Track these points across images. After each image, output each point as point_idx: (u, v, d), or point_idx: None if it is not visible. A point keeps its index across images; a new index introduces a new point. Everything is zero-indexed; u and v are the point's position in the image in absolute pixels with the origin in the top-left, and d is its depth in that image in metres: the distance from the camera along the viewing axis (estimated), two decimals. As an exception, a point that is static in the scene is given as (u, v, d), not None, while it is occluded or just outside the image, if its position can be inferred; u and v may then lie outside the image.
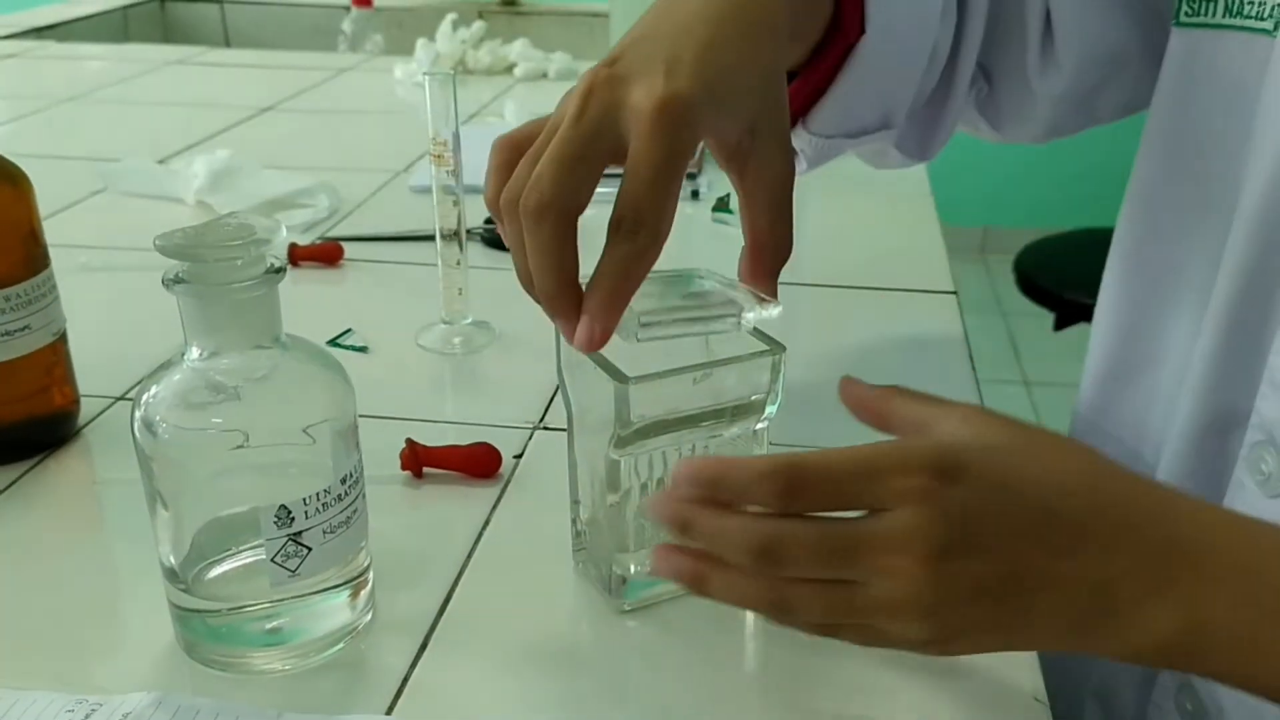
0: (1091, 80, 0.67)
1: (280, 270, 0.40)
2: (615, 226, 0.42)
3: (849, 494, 0.38)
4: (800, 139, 0.61)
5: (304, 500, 0.41)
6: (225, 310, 0.40)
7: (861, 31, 0.57)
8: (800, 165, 0.61)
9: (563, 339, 0.45)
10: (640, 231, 0.42)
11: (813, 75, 0.58)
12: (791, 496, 0.37)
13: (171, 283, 0.39)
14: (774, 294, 0.48)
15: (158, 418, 0.40)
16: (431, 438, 0.57)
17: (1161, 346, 0.63)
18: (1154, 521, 0.39)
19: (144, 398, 0.41)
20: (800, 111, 0.60)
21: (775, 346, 0.45)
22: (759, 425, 0.46)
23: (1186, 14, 0.59)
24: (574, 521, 0.49)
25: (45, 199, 0.57)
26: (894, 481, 0.37)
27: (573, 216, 0.43)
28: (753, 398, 0.45)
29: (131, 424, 0.41)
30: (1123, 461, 0.41)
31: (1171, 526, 0.39)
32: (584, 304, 0.43)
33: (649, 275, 0.43)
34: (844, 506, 0.38)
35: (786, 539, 0.37)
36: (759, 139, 0.48)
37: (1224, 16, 0.56)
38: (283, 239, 0.40)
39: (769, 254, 0.48)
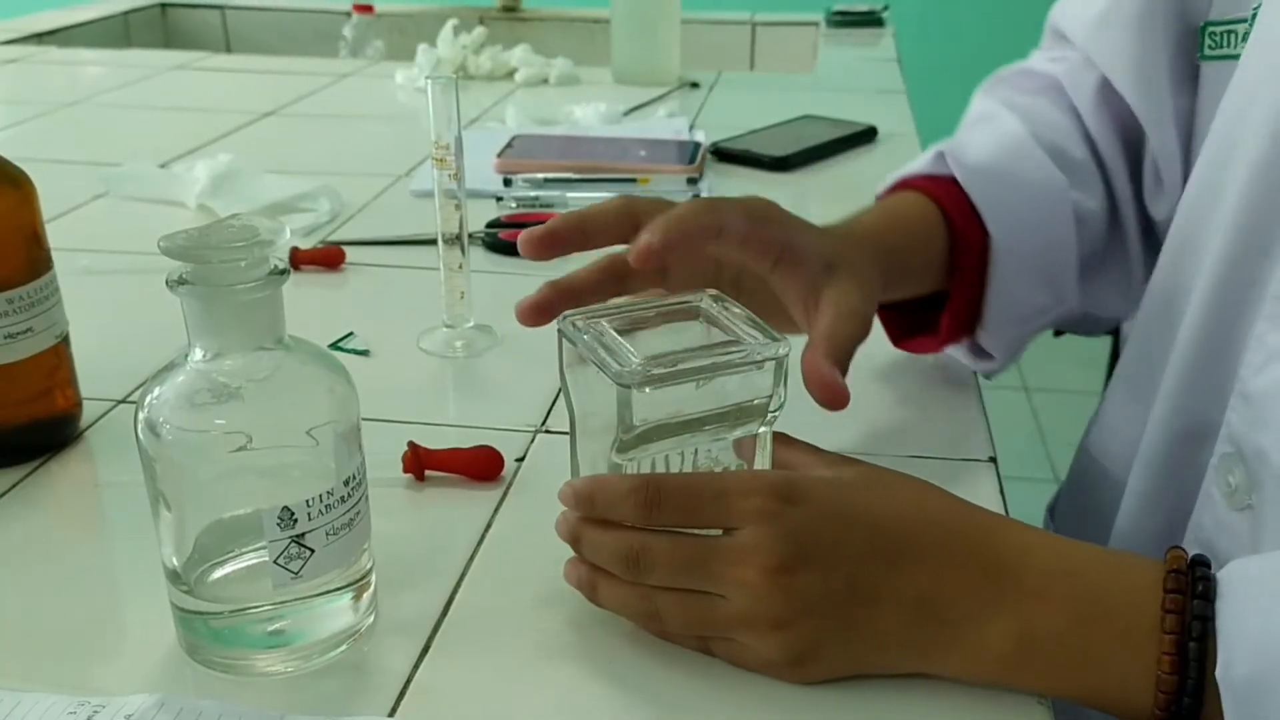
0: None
1: (284, 272, 0.40)
2: None
3: (702, 511, 0.43)
4: (984, 339, 0.66)
5: (307, 502, 0.41)
6: (229, 311, 0.40)
7: (984, 234, 0.63)
8: (995, 361, 0.68)
9: (564, 345, 0.46)
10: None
11: (963, 286, 0.64)
12: (651, 510, 0.43)
13: (175, 284, 0.39)
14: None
15: (161, 419, 0.40)
16: (433, 441, 0.57)
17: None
18: (980, 541, 0.43)
19: (147, 399, 0.41)
20: (972, 316, 0.65)
21: (779, 349, 0.45)
22: (761, 429, 0.46)
23: (1210, 48, 0.61)
24: None
25: (47, 203, 0.57)
26: (741, 501, 0.42)
27: None
28: (755, 401, 0.45)
29: (135, 425, 0.41)
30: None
31: (997, 546, 0.43)
32: None
33: (655, 306, 0.48)
34: (698, 523, 0.43)
35: (649, 548, 0.43)
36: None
37: (1240, 45, 0.58)
38: (286, 241, 0.40)
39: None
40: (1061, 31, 0.74)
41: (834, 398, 0.51)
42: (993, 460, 0.59)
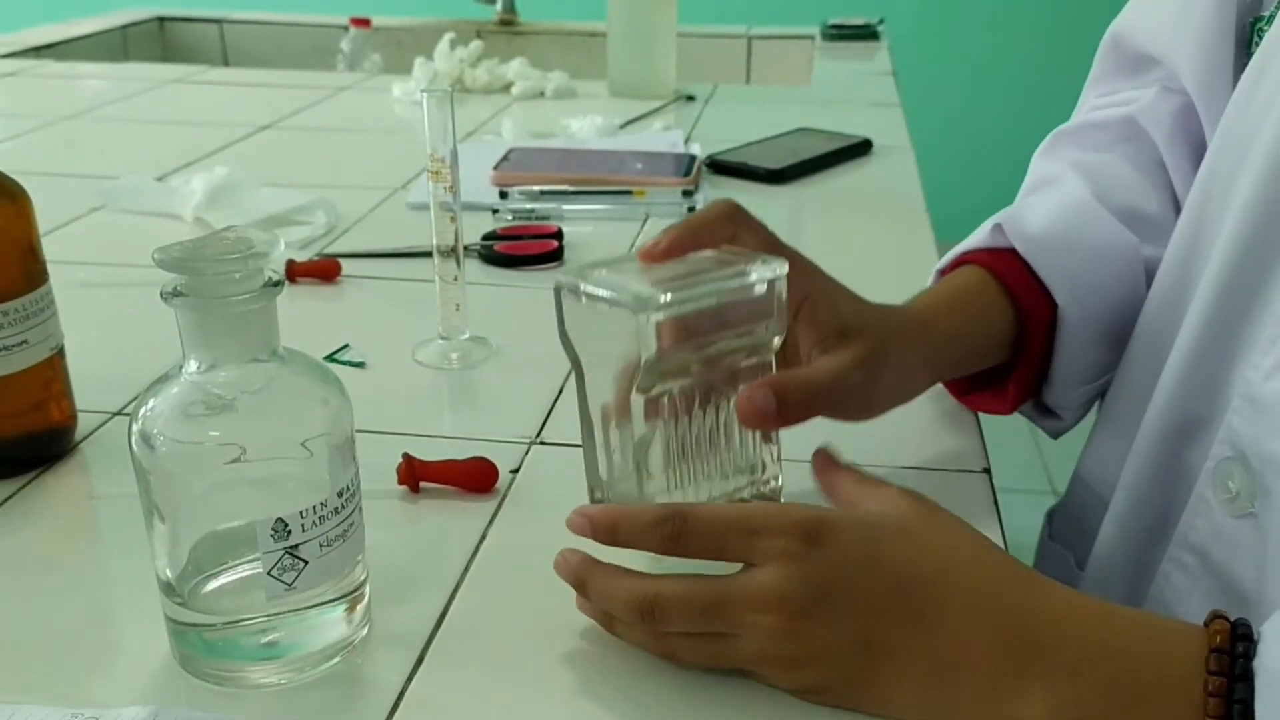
0: None
1: (278, 283, 0.40)
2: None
3: (727, 546, 0.42)
4: (1052, 400, 0.65)
5: (301, 513, 0.41)
6: (223, 323, 0.40)
7: (1053, 305, 0.62)
8: (1065, 421, 0.67)
9: (565, 300, 0.47)
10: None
11: (1031, 356, 0.63)
12: (676, 542, 0.42)
13: (170, 296, 0.39)
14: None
15: (155, 430, 0.40)
16: (428, 452, 0.57)
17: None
18: (1013, 606, 0.42)
19: (141, 411, 0.41)
20: (1039, 379, 0.65)
21: (777, 268, 0.47)
22: (769, 356, 0.48)
23: (1257, 44, 0.60)
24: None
25: (44, 216, 0.57)
26: (765, 541, 0.41)
27: None
28: (761, 326, 0.47)
29: (129, 437, 0.41)
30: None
31: (1031, 613, 0.41)
32: None
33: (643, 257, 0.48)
34: (722, 557, 0.43)
35: (662, 600, 0.42)
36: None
37: None
38: (281, 253, 0.40)
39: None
40: (1130, 44, 0.71)
41: (747, 409, 0.48)
42: (986, 471, 0.59)
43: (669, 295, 0.44)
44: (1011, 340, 0.62)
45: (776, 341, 0.48)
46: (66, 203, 0.98)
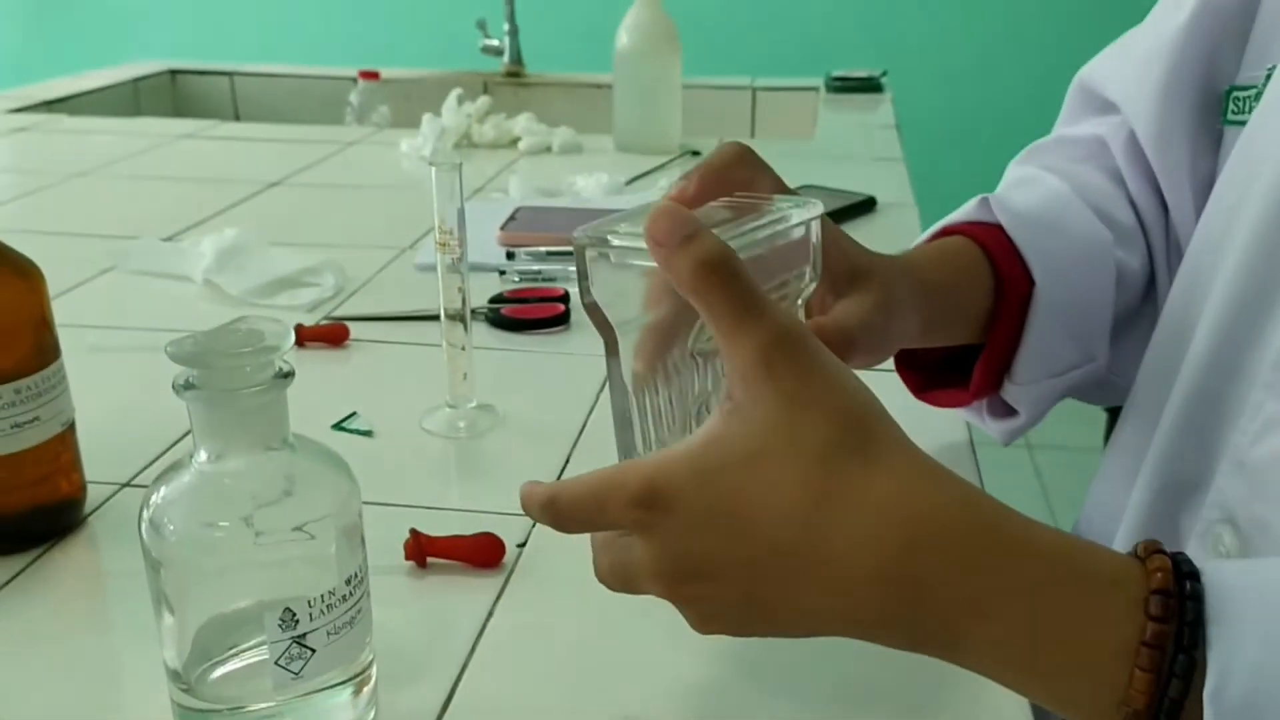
0: None
1: (289, 374, 0.41)
2: None
3: (594, 522, 0.42)
4: (1011, 393, 0.65)
5: (309, 602, 0.41)
6: (234, 415, 0.40)
7: (1030, 283, 0.62)
8: (1019, 420, 0.67)
9: (590, 261, 0.43)
10: None
11: (1001, 334, 0.63)
12: (559, 526, 0.43)
13: (181, 388, 0.40)
14: None
15: (165, 519, 0.41)
16: (435, 525, 0.57)
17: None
18: (896, 554, 0.36)
19: (152, 499, 0.41)
20: (1003, 367, 0.64)
21: (812, 210, 0.45)
22: (798, 304, 0.47)
23: (1233, 112, 0.62)
24: None
25: (56, 278, 0.58)
26: (615, 513, 0.40)
27: None
28: (798, 272, 0.46)
29: (139, 525, 0.41)
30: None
31: (918, 559, 0.36)
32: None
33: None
34: (598, 529, 0.42)
35: (601, 569, 0.43)
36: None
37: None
38: (290, 345, 0.40)
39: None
40: (1095, 90, 0.73)
41: None
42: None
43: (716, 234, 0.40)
44: (987, 312, 0.63)
45: (811, 288, 0.47)
46: (78, 263, 0.98)
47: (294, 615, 0.41)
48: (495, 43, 1.88)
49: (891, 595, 0.37)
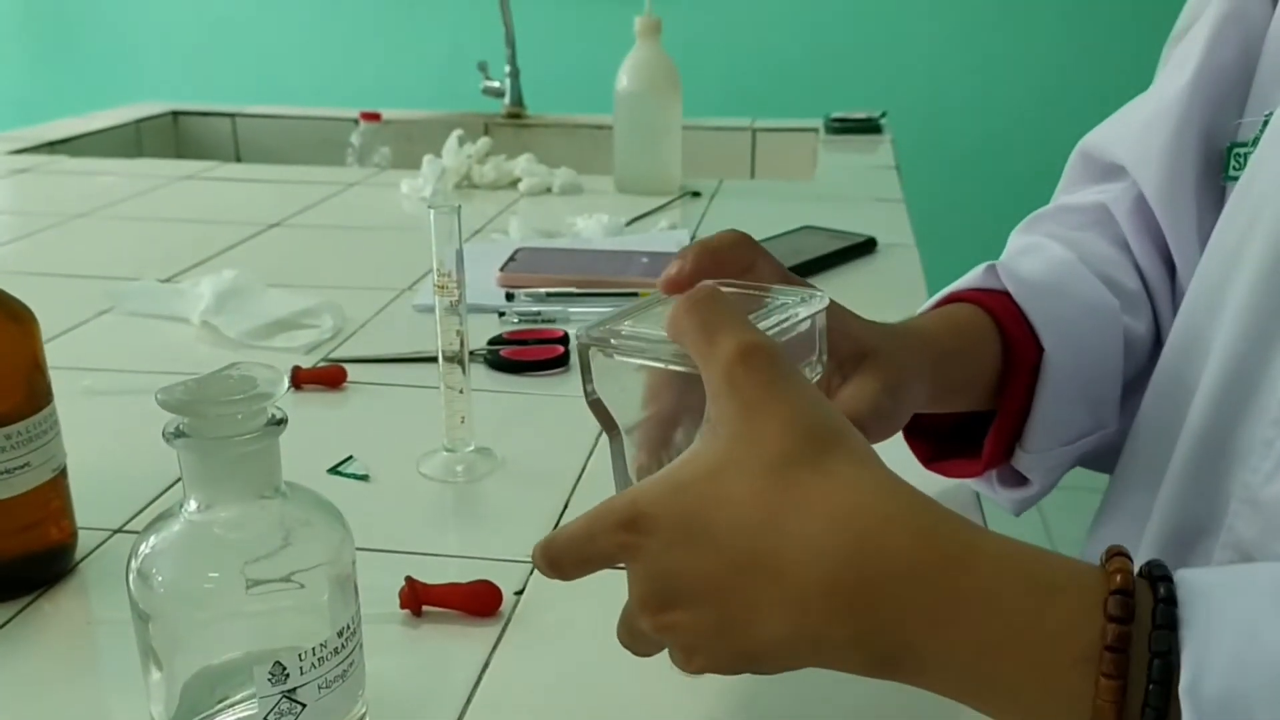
0: None
1: (281, 421, 0.40)
2: None
3: (585, 552, 0.41)
4: (1023, 461, 0.64)
5: (299, 655, 0.40)
6: (225, 463, 0.39)
7: (1039, 350, 0.62)
8: (1032, 489, 0.66)
9: (594, 359, 0.45)
10: None
11: (1011, 402, 0.63)
12: (556, 567, 0.42)
13: (171, 436, 0.39)
14: None
15: (154, 570, 0.40)
16: (431, 572, 0.56)
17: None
18: (847, 561, 0.36)
19: (140, 549, 0.40)
20: (1014, 436, 0.64)
21: (818, 304, 0.46)
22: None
23: (1234, 168, 0.62)
24: None
25: (52, 320, 0.57)
26: (604, 539, 0.40)
27: None
28: (804, 364, 0.46)
29: (126, 575, 0.40)
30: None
31: (873, 566, 0.36)
32: None
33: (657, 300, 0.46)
34: (590, 561, 0.42)
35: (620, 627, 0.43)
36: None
37: None
38: (284, 391, 0.40)
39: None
40: (1099, 156, 0.74)
41: None
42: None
43: None
44: (996, 381, 0.63)
45: (818, 376, 0.47)
46: (76, 305, 0.98)
47: (284, 669, 0.40)
48: (496, 84, 1.89)
49: (841, 608, 0.36)
